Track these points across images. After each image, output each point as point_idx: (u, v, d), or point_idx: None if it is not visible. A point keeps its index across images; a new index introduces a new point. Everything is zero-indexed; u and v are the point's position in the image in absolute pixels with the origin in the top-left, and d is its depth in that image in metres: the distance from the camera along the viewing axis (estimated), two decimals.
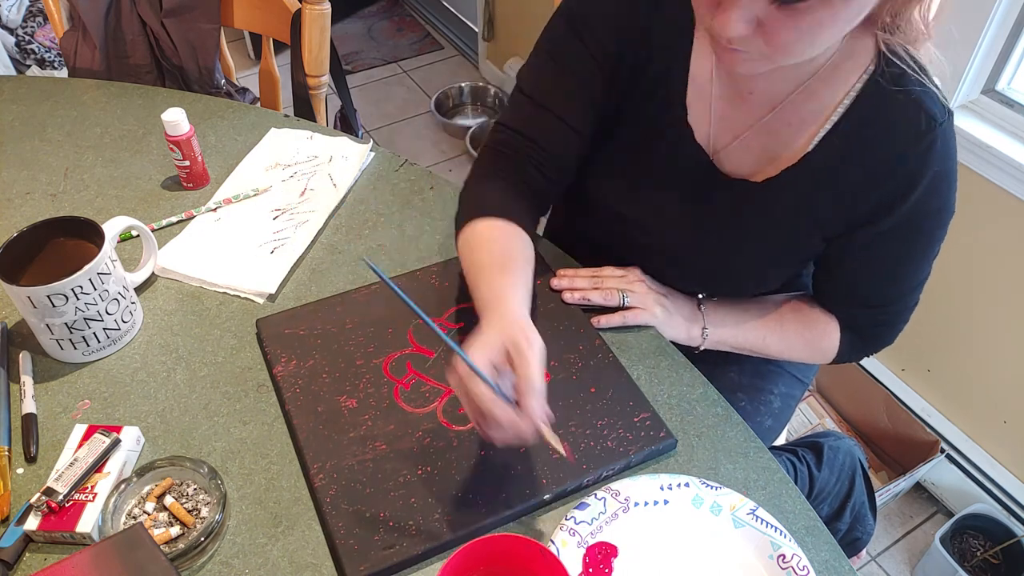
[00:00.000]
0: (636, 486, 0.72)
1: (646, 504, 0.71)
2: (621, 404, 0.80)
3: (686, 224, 0.89)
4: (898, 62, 0.76)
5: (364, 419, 0.79)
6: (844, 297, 0.92)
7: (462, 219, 0.87)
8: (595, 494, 0.72)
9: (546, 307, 0.89)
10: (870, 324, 0.93)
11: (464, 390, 0.65)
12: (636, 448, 0.76)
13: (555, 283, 0.90)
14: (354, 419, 0.79)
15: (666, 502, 0.70)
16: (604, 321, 0.88)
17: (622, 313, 0.89)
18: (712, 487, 0.72)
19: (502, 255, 0.81)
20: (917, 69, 0.76)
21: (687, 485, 0.71)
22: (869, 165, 0.79)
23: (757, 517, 0.70)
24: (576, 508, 0.71)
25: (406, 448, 0.76)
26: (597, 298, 0.89)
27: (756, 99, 0.82)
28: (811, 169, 0.81)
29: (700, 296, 0.94)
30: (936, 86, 0.78)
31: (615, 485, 0.72)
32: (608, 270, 0.92)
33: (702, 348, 0.93)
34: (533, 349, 0.66)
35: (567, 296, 0.89)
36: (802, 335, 0.94)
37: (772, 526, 0.70)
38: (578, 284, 0.90)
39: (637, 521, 0.71)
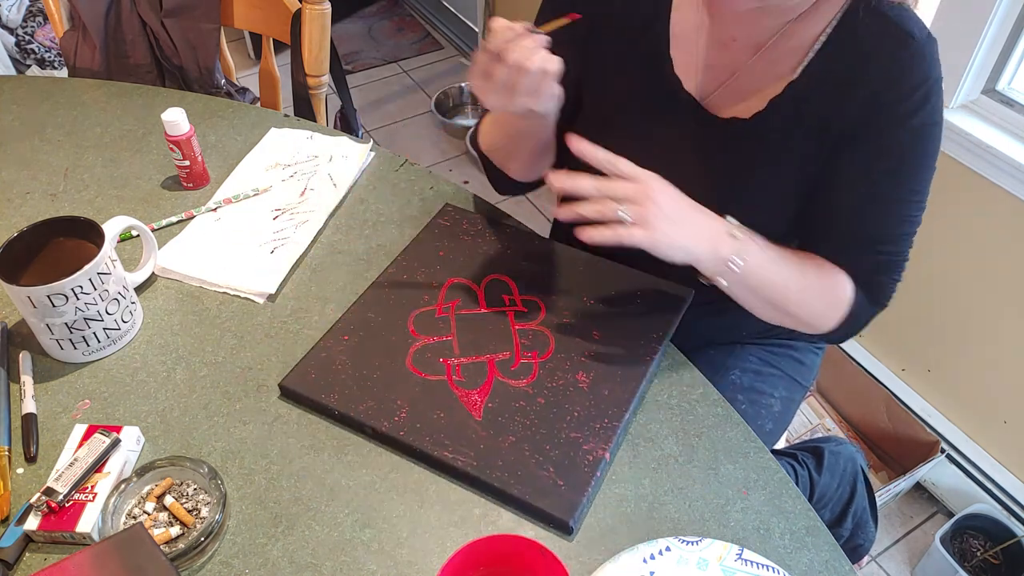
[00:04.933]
0: (619, 568, 0.69)
1: None
2: (570, 460, 0.75)
3: (687, 168, 0.86)
4: None
5: (422, 311, 0.89)
6: (846, 238, 0.88)
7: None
8: None
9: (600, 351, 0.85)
10: (873, 270, 0.88)
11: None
12: (532, 496, 0.72)
13: (551, 179, 0.76)
14: (416, 313, 0.88)
15: (652, 573, 0.69)
16: (594, 236, 0.75)
17: (615, 228, 0.74)
18: (692, 543, 0.70)
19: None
20: None
21: (668, 549, 0.69)
22: (854, 77, 0.81)
23: (745, 561, 0.69)
24: None
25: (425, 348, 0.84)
26: (590, 213, 0.75)
27: (739, 44, 0.84)
28: (797, 94, 0.83)
29: (728, 217, 0.84)
30: (913, 10, 0.80)
31: (597, 575, 0.69)
32: (618, 181, 0.76)
33: (723, 283, 0.83)
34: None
35: (561, 213, 0.76)
36: (819, 282, 0.87)
37: (762, 565, 0.69)
38: (583, 187, 0.75)
39: None
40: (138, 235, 0.96)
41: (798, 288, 0.86)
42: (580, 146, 0.76)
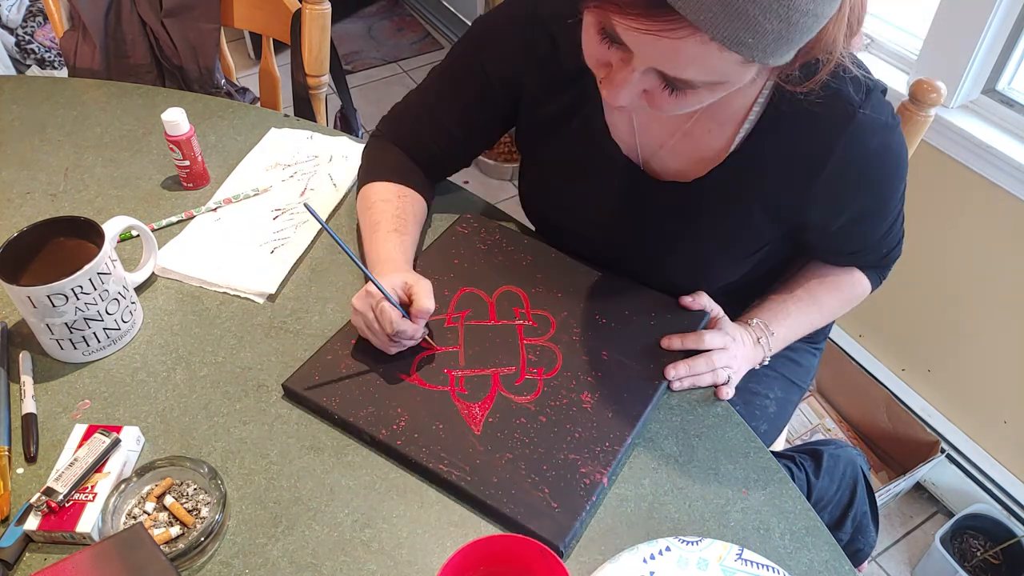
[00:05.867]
0: (619, 568, 0.69)
1: None
2: (566, 482, 0.74)
3: (628, 229, 0.91)
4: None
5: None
6: (845, 258, 0.99)
7: (363, 178, 0.99)
8: None
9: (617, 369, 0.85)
10: (877, 258, 1.00)
11: (374, 310, 0.81)
12: (523, 516, 0.71)
13: (671, 374, 0.84)
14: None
15: (652, 573, 0.69)
16: (680, 377, 0.85)
17: (722, 389, 0.87)
18: (692, 543, 0.70)
19: (395, 216, 0.92)
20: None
21: (668, 549, 0.69)
22: (801, 157, 0.79)
23: (745, 561, 0.69)
24: None
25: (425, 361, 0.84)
26: (707, 381, 0.86)
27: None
28: (739, 167, 0.83)
29: (753, 322, 0.94)
30: (852, 63, 0.75)
31: (597, 574, 0.69)
32: (717, 352, 0.87)
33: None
34: (423, 284, 0.82)
35: (676, 385, 0.85)
36: (838, 299, 1.00)
37: (762, 566, 0.69)
38: (698, 369, 0.86)
39: None
40: (138, 235, 0.96)
41: (822, 318, 1.00)
42: (671, 342, 0.87)
